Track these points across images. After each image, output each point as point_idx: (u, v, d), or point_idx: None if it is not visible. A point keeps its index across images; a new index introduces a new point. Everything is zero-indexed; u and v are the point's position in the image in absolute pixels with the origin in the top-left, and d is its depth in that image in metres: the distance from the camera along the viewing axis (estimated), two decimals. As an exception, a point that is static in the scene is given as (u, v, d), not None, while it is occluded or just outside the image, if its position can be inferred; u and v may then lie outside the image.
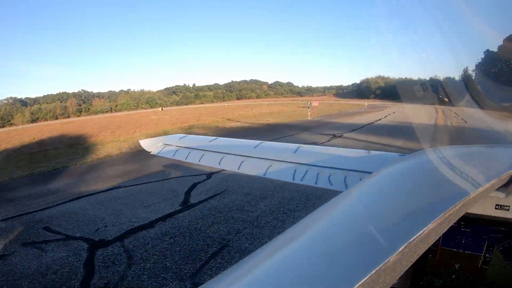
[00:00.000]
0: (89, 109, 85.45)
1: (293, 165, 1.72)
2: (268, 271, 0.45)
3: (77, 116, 75.11)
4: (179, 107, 72.03)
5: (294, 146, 1.90)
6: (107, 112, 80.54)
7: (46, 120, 71.00)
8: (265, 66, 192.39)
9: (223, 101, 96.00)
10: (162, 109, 56.70)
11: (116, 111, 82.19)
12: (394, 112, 25.35)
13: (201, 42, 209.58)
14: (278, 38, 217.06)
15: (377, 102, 52.29)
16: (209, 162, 2.10)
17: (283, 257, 0.49)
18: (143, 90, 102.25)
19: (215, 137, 2.43)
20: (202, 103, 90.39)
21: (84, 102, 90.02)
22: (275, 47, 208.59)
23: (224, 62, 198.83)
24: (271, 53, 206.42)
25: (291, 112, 29.49)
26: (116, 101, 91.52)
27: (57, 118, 73.66)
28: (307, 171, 1.64)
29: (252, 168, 1.86)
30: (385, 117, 20.96)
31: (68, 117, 76.32)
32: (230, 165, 1.96)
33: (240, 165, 1.91)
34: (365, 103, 45.46)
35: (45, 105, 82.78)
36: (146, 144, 2.71)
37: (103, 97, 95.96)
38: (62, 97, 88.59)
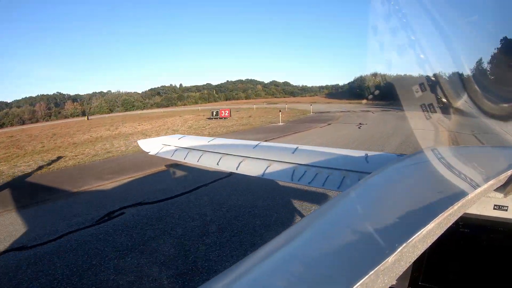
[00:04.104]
0: (59, 112, 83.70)
1: (292, 165, 1.80)
2: (268, 271, 0.49)
3: (46, 121, 73.26)
4: (157, 110, 70.64)
5: (293, 146, 1.98)
6: (77, 116, 79.14)
7: (12, 125, 69.05)
8: (262, 66, 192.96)
9: (208, 102, 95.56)
10: (88, 119, 52.74)
11: (90, 114, 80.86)
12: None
13: (196, 41, 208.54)
14: (276, 37, 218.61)
15: (348, 106, 40.71)
16: (208, 163, 2.18)
17: (283, 257, 0.53)
18: (119, 91, 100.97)
19: (213, 137, 2.50)
20: (184, 104, 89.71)
21: (57, 105, 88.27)
22: (273, 47, 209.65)
23: (221, 62, 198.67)
24: (269, 53, 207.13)
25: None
26: (91, 104, 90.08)
27: (24, 123, 71.73)
28: (305, 171, 1.71)
29: (250, 169, 1.95)
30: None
31: (37, 121, 74.45)
32: (228, 166, 2.04)
33: (239, 165, 1.99)
34: (310, 107, 34.96)
35: (14, 109, 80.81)
36: (145, 144, 2.77)
37: (82, 100, 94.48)
38: (35, 101, 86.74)
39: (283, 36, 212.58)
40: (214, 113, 29.16)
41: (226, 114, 28.57)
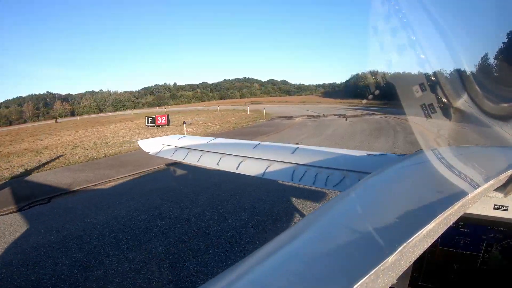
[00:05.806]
0: (48, 113, 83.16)
1: (292, 165, 1.84)
2: (268, 271, 0.51)
3: (34, 122, 72.70)
4: (147, 110, 69.79)
5: (293, 146, 2.02)
6: (66, 116, 78.97)
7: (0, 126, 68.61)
8: (261, 64, 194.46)
9: (202, 101, 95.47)
10: (56, 122, 51.95)
11: (79, 114, 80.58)
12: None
13: (193, 40, 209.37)
14: (275, 35, 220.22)
15: (335, 107, 37.86)
16: (208, 163, 2.22)
17: (283, 257, 0.54)
18: (109, 91, 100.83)
19: (214, 137, 2.53)
20: (177, 104, 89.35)
21: (47, 105, 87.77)
22: (272, 45, 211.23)
23: (218, 61, 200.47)
24: (268, 51, 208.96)
25: None
26: (80, 104, 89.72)
27: (10, 124, 71.14)
28: (305, 171, 1.74)
29: (250, 169, 1.98)
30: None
31: (24, 122, 73.91)
32: (228, 166, 2.08)
33: (239, 165, 2.03)
34: (263, 109, 29.36)
35: (3, 109, 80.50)
36: (145, 144, 2.80)
37: (73, 99, 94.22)
38: (25, 101, 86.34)
39: (282, 34, 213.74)
40: (150, 120, 25.19)
41: (163, 121, 24.56)
